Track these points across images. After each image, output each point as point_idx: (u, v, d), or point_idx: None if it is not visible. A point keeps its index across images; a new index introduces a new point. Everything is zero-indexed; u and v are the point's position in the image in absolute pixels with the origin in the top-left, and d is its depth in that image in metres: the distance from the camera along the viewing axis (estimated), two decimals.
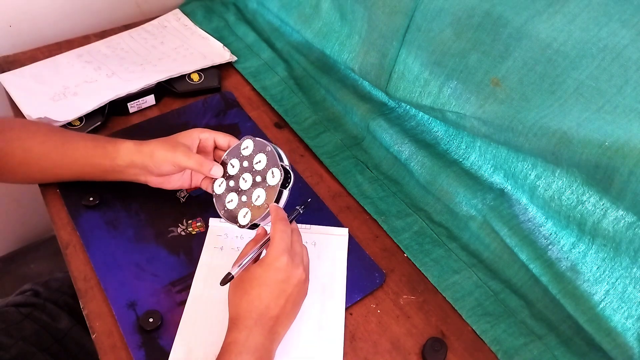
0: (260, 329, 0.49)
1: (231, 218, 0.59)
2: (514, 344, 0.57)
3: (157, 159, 0.59)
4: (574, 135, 0.50)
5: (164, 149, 0.59)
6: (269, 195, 0.56)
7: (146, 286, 0.58)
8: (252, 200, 0.57)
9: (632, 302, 0.51)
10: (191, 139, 0.61)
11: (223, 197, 0.60)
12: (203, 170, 0.59)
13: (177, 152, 0.59)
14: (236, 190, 0.59)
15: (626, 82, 0.48)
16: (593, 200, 0.53)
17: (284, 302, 0.50)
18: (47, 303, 0.73)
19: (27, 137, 0.61)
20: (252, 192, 0.58)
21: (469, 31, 0.59)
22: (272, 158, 0.58)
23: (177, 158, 0.58)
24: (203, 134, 0.62)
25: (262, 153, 0.59)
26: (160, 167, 0.60)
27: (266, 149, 0.59)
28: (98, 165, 0.61)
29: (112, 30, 0.92)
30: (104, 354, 0.54)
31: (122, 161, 0.60)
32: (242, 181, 0.59)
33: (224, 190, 0.60)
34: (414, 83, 0.67)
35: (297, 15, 0.84)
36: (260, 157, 0.59)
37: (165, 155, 0.59)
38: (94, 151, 0.61)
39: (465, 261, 0.63)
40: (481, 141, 0.65)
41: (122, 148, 0.60)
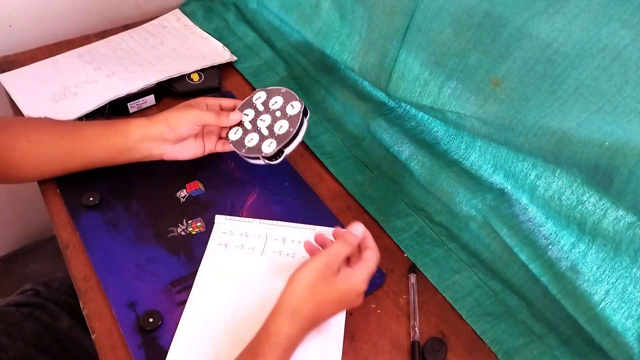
0: (308, 329, 0.49)
1: (254, 151, 0.60)
2: (514, 344, 0.57)
3: (173, 122, 0.61)
4: (574, 135, 0.50)
5: (177, 111, 0.62)
6: (291, 123, 0.59)
7: (146, 286, 0.58)
8: (274, 130, 0.60)
9: (632, 302, 0.51)
10: (199, 103, 0.64)
11: (242, 140, 0.62)
12: (222, 120, 0.62)
13: (192, 110, 0.62)
14: (255, 130, 0.62)
15: (626, 82, 0.48)
16: (593, 200, 0.53)
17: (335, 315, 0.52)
18: (48, 303, 0.73)
19: (31, 129, 0.61)
20: (274, 125, 0.60)
21: (469, 31, 0.59)
22: (289, 95, 0.62)
23: (194, 114, 0.61)
24: (208, 100, 0.65)
25: (278, 95, 0.62)
26: (177, 128, 0.61)
27: (281, 91, 0.62)
28: (111, 146, 0.62)
29: (112, 30, 0.92)
30: (104, 354, 0.54)
31: (136, 135, 0.61)
32: (260, 122, 0.62)
33: (241, 135, 0.62)
34: (414, 83, 0.67)
35: (297, 15, 0.84)
36: (276, 99, 0.62)
37: (180, 115, 0.61)
38: (105, 131, 0.62)
39: (465, 261, 0.63)
40: (481, 141, 0.65)
41: (134, 123, 0.62)
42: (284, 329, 0.47)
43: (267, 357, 0.46)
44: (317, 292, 0.49)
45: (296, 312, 0.48)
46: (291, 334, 0.47)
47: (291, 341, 0.47)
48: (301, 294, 0.49)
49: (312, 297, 0.49)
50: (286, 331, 0.47)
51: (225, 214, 0.65)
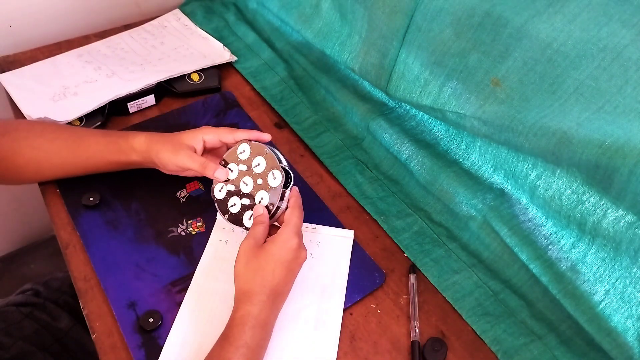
0: (271, 303, 0.51)
1: (237, 221, 0.59)
2: (514, 344, 0.57)
3: (162, 160, 0.61)
4: (574, 135, 0.50)
5: (167, 150, 0.60)
6: (272, 197, 0.57)
7: (146, 286, 0.58)
8: (255, 202, 0.58)
9: (632, 302, 0.51)
10: (195, 141, 0.61)
11: (225, 202, 0.60)
12: (207, 173, 0.60)
13: (180, 154, 0.60)
14: (237, 194, 0.60)
15: (626, 82, 0.48)
16: (593, 200, 0.53)
17: (290, 280, 0.54)
18: (48, 302, 0.73)
19: (34, 135, 0.62)
20: (255, 194, 0.58)
21: (469, 31, 0.59)
22: (271, 160, 0.59)
23: (180, 160, 0.60)
24: (207, 135, 0.62)
25: (260, 156, 0.60)
26: (165, 167, 0.62)
27: (264, 152, 0.59)
28: (114, 162, 0.63)
29: (112, 30, 0.92)
30: (104, 354, 0.54)
31: (137, 157, 0.62)
32: (243, 185, 0.60)
33: (225, 195, 0.61)
34: (414, 83, 0.67)
35: (297, 15, 0.84)
36: (258, 160, 0.60)
37: (168, 157, 0.60)
38: (108, 147, 0.62)
39: (465, 261, 0.63)
40: (481, 141, 0.65)
41: (136, 145, 0.62)
42: (245, 309, 0.50)
43: (237, 336, 0.49)
44: (254, 267, 0.52)
45: (248, 292, 0.51)
46: (253, 312, 0.50)
47: (256, 318, 0.50)
48: (242, 276, 0.52)
49: (254, 273, 0.52)
50: (247, 311, 0.50)
51: None
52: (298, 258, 0.54)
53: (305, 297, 0.59)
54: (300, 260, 0.54)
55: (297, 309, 0.58)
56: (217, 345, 0.49)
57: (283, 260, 0.53)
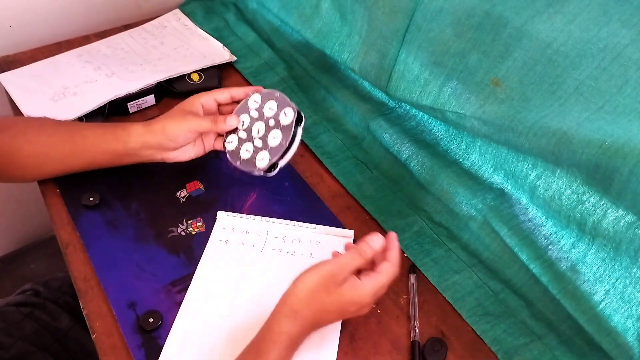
0: (309, 331, 0.50)
1: (249, 165, 0.59)
2: (514, 344, 0.57)
3: (171, 133, 0.60)
4: (574, 135, 0.50)
5: (174, 121, 0.61)
6: (284, 134, 0.58)
7: (146, 286, 0.58)
8: (268, 142, 0.58)
9: (632, 302, 0.51)
10: (194, 106, 0.62)
11: (237, 150, 0.61)
12: (218, 126, 0.60)
13: (188, 119, 0.60)
14: (250, 140, 0.60)
15: (626, 82, 0.48)
16: (593, 200, 0.53)
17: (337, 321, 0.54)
18: (48, 302, 0.73)
19: (32, 131, 0.62)
20: (267, 135, 0.59)
21: (469, 31, 0.59)
22: (283, 100, 0.60)
23: (191, 124, 0.60)
24: (202, 97, 0.63)
25: (271, 100, 0.60)
26: (175, 139, 0.61)
27: (275, 95, 0.60)
28: (111, 151, 0.62)
29: (112, 30, 0.92)
30: (104, 354, 0.54)
31: (135, 143, 0.61)
32: (255, 130, 0.60)
33: (237, 145, 0.61)
34: (414, 83, 0.67)
35: (297, 15, 0.84)
36: (269, 104, 0.60)
37: (178, 126, 0.60)
38: (105, 137, 0.62)
39: (465, 261, 0.63)
40: (481, 141, 0.65)
41: (133, 131, 0.61)
42: (286, 327, 0.48)
43: (270, 353, 0.47)
44: (318, 298, 0.49)
45: (297, 313, 0.48)
46: (292, 332, 0.48)
47: (292, 339, 0.48)
48: (302, 298, 0.49)
49: (313, 302, 0.49)
50: (288, 330, 0.48)
51: None
52: (358, 312, 0.52)
53: None
54: (359, 314, 0.52)
55: None
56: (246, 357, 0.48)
57: (346, 310, 0.50)
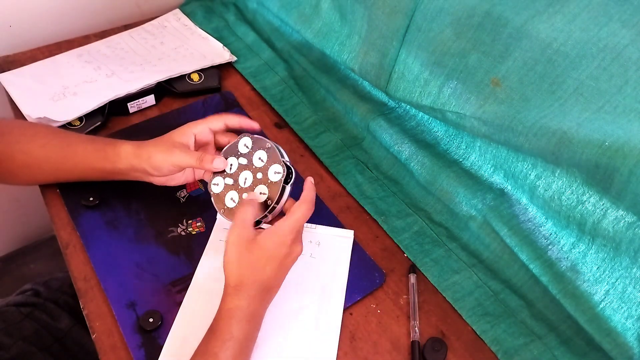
0: (260, 298, 0.51)
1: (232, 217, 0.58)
2: (514, 344, 0.57)
3: (155, 163, 0.58)
4: (574, 135, 0.50)
5: (160, 151, 0.58)
6: (271, 191, 0.56)
7: (146, 286, 0.58)
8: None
9: (632, 302, 0.51)
10: (186, 137, 0.60)
11: (222, 196, 0.59)
12: (204, 165, 0.58)
13: (174, 153, 0.58)
14: (236, 188, 0.58)
15: (626, 82, 0.48)
16: (593, 200, 0.53)
17: (282, 275, 0.53)
18: (48, 303, 0.73)
19: (26, 140, 0.61)
20: (254, 189, 0.57)
21: (469, 31, 0.59)
22: (273, 154, 0.57)
23: (175, 159, 0.58)
24: (196, 127, 0.60)
25: (262, 150, 0.58)
26: (160, 170, 0.59)
27: (266, 146, 0.58)
28: (100, 169, 0.61)
29: (112, 30, 0.92)
30: (104, 354, 0.54)
31: (124, 165, 0.60)
32: (242, 179, 0.58)
33: (222, 189, 0.59)
34: (414, 83, 0.67)
35: (297, 15, 0.84)
36: (260, 154, 0.58)
37: (163, 157, 0.58)
38: (95, 155, 0.61)
39: (465, 261, 0.63)
40: (481, 141, 0.65)
41: (122, 152, 0.60)
42: (233, 303, 0.49)
43: (223, 329, 0.48)
44: (244, 263, 0.50)
45: (238, 286, 0.50)
46: (241, 305, 0.49)
47: (244, 312, 0.49)
48: (233, 271, 0.50)
49: (244, 269, 0.50)
50: (235, 305, 0.49)
51: None
52: (292, 253, 0.53)
53: (305, 297, 0.59)
54: (294, 255, 0.53)
55: (297, 309, 0.58)
56: (204, 339, 0.49)
57: (276, 256, 0.51)
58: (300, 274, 0.61)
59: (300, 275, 0.60)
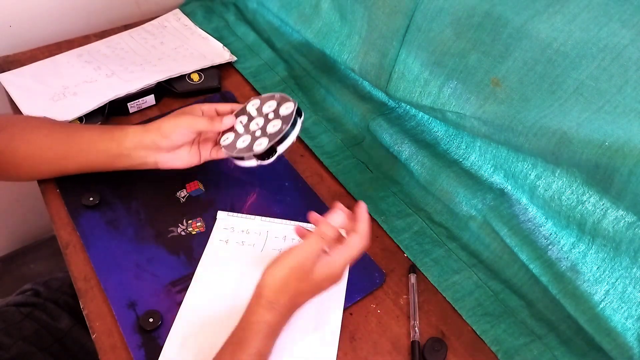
0: (288, 316, 0.51)
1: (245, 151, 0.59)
2: (514, 344, 0.57)
3: (166, 130, 0.60)
4: (574, 135, 0.50)
5: (170, 119, 0.61)
6: (284, 121, 0.57)
7: (146, 286, 0.58)
8: (267, 130, 0.57)
9: (632, 302, 0.51)
10: (194, 110, 0.63)
11: (234, 143, 0.60)
12: (214, 125, 0.60)
13: (185, 116, 0.61)
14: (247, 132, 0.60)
15: (626, 82, 0.48)
16: (593, 200, 0.53)
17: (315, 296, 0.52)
18: (48, 303, 0.73)
19: (30, 131, 0.61)
20: (267, 125, 0.58)
21: (469, 31, 0.59)
22: (282, 98, 0.60)
23: (186, 121, 0.60)
24: (204, 106, 0.64)
25: (271, 100, 0.60)
26: (170, 136, 0.60)
27: (275, 96, 0.60)
28: (105, 151, 0.62)
29: (112, 30, 0.92)
30: (104, 354, 0.54)
31: (130, 142, 0.61)
32: (254, 125, 0.60)
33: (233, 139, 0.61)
34: (414, 83, 0.67)
35: (297, 15, 0.84)
36: (269, 103, 0.60)
37: (174, 123, 0.61)
38: (101, 136, 0.62)
39: (465, 261, 0.63)
40: (481, 141, 0.65)
41: (129, 130, 0.62)
42: (264, 317, 0.49)
43: (250, 343, 0.48)
44: (291, 286, 0.49)
45: (273, 303, 0.49)
46: (271, 322, 0.49)
47: (272, 328, 0.49)
48: (276, 288, 0.49)
49: (287, 289, 0.49)
50: (265, 319, 0.49)
51: None
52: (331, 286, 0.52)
53: None
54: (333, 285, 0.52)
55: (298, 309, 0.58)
56: (228, 349, 0.48)
57: (321, 288, 0.51)
58: None
59: None
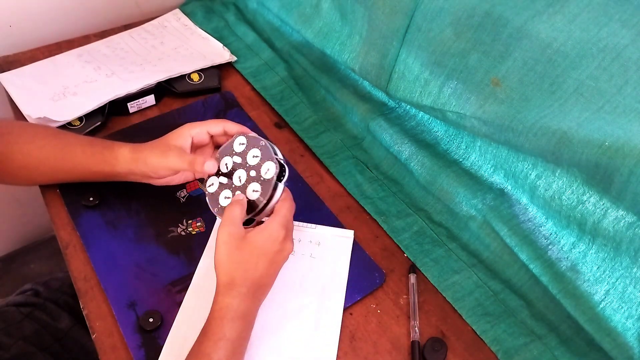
0: (252, 296, 0.51)
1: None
2: (514, 344, 0.57)
3: (152, 166, 0.59)
4: (574, 135, 0.50)
5: (156, 155, 0.59)
6: (264, 189, 0.55)
7: (146, 286, 0.58)
8: (247, 194, 0.57)
9: (632, 302, 0.51)
10: (182, 139, 0.59)
11: (217, 195, 0.58)
12: (196, 169, 0.57)
13: (169, 156, 0.58)
14: (230, 187, 0.58)
15: (626, 82, 0.48)
16: (593, 200, 0.53)
17: (274, 272, 0.53)
18: (48, 303, 0.73)
19: (25, 141, 0.61)
20: (247, 186, 0.57)
21: (469, 31, 0.59)
22: (266, 152, 0.57)
23: (170, 163, 0.58)
24: (193, 129, 0.60)
25: (256, 148, 0.58)
26: (157, 172, 0.60)
27: (260, 144, 0.58)
28: (98, 172, 0.62)
29: (112, 30, 0.92)
30: (104, 354, 0.54)
31: (122, 169, 0.60)
32: (236, 178, 0.58)
33: (217, 189, 0.59)
34: (414, 83, 0.67)
35: (298, 15, 0.84)
36: (254, 152, 0.58)
37: (158, 161, 0.58)
38: (92, 158, 0.61)
39: (465, 261, 0.63)
40: (481, 141, 0.65)
41: (120, 156, 0.60)
42: (224, 302, 0.49)
43: (214, 330, 0.48)
44: (235, 260, 0.50)
45: (229, 284, 0.50)
46: (232, 304, 0.49)
47: (236, 311, 0.49)
48: (224, 268, 0.50)
49: (234, 266, 0.50)
50: (226, 304, 0.49)
51: None
52: (283, 251, 0.53)
53: (305, 297, 0.59)
54: (285, 252, 0.53)
55: (297, 309, 0.58)
56: (196, 341, 0.49)
57: (267, 252, 0.51)
58: (300, 274, 0.61)
59: (300, 275, 0.61)
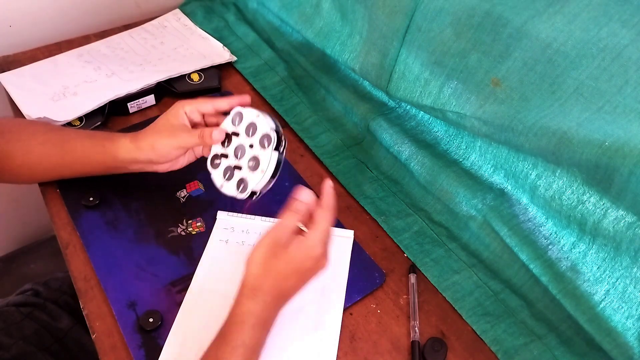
0: (274, 305, 0.50)
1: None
2: (514, 344, 0.57)
3: (161, 150, 0.59)
4: (574, 135, 0.50)
5: (164, 137, 0.59)
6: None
7: (146, 286, 0.58)
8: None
9: (632, 302, 0.51)
10: (181, 117, 0.59)
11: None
12: (206, 141, 0.58)
13: (179, 135, 0.58)
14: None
15: (626, 82, 0.48)
16: (593, 200, 0.53)
17: (301, 286, 0.52)
18: (48, 303, 0.73)
19: (26, 137, 0.61)
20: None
21: (469, 31, 0.59)
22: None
23: (182, 141, 0.58)
24: (187, 106, 0.60)
25: (252, 120, 0.58)
26: (166, 156, 0.59)
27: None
28: (100, 164, 0.61)
29: (112, 30, 0.92)
30: (104, 354, 0.54)
31: (124, 158, 0.60)
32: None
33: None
34: (415, 83, 0.67)
35: (298, 15, 0.84)
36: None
37: (168, 142, 0.58)
38: (93, 150, 0.61)
39: (465, 261, 0.63)
40: (481, 141, 0.65)
41: (121, 145, 0.60)
42: (247, 307, 0.48)
43: (234, 335, 0.47)
44: (271, 268, 0.49)
45: (256, 289, 0.49)
46: (255, 310, 0.48)
47: (257, 318, 0.48)
48: (257, 273, 0.49)
49: (268, 274, 0.49)
50: (249, 309, 0.48)
51: None
52: (317, 268, 0.51)
53: (305, 297, 0.59)
54: (318, 269, 0.51)
55: (297, 309, 0.58)
56: (214, 343, 0.48)
57: (302, 268, 0.50)
58: None
59: None
